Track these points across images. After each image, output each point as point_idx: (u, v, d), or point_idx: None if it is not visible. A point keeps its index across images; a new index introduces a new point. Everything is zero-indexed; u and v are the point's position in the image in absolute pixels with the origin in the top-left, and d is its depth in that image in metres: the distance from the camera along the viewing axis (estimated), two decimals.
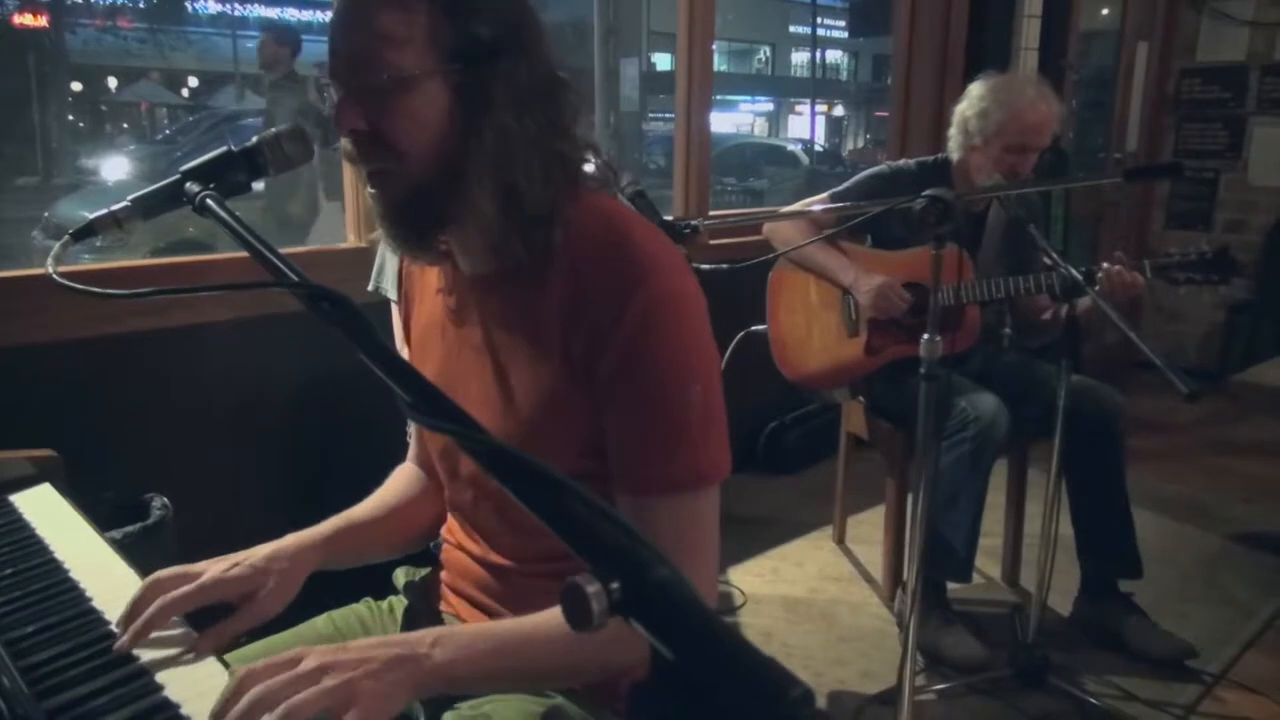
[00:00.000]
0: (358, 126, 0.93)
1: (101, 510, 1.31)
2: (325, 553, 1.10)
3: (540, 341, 0.98)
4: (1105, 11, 5.21)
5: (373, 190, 0.96)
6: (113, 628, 0.95)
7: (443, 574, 1.20)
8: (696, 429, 0.94)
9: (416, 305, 1.18)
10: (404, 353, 1.24)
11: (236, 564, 1.02)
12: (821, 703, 2.21)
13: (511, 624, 0.95)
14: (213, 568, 1.01)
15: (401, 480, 1.26)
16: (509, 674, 0.93)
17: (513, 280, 0.99)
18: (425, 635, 0.89)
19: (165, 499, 1.87)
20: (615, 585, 0.44)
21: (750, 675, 0.39)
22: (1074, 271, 1.93)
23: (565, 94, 0.98)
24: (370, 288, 2.09)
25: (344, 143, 0.95)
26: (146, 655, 0.91)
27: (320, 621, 1.22)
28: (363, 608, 1.25)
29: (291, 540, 1.08)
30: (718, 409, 0.97)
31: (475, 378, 1.04)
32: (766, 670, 0.39)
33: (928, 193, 1.71)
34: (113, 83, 15.06)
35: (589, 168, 1.01)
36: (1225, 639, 2.46)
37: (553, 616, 0.92)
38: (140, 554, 1.10)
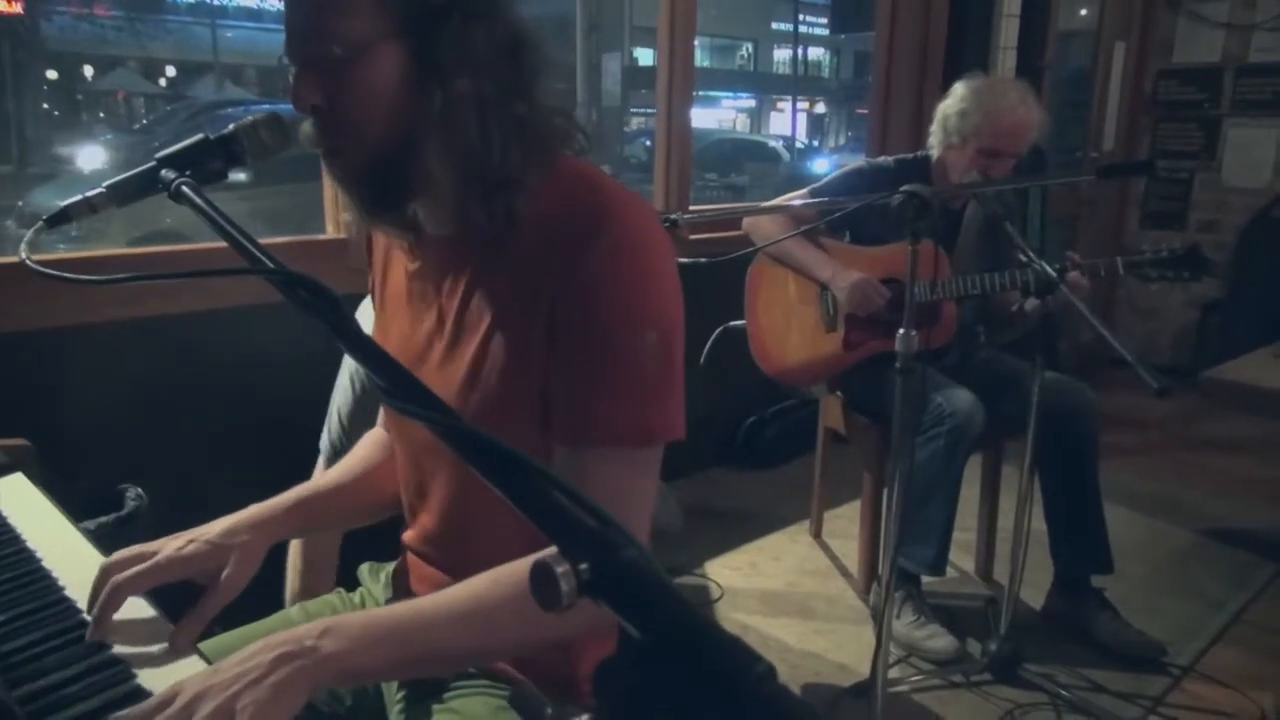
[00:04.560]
0: (315, 102, 0.92)
1: (75, 500, 1.30)
2: (288, 523, 1.08)
3: (506, 305, 0.97)
4: (1083, 12, 5.26)
5: (328, 163, 0.96)
6: (85, 616, 0.94)
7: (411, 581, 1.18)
8: (647, 380, 0.92)
9: (386, 273, 1.16)
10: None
11: (191, 540, 1.01)
12: (796, 694, 2.23)
13: (408, 606, 0.90)
14: (167, 545, 1.00)
15: (368, 447, 1.24)
16: (410, 659, 0.88)
17: (479, 244, 0.98)
18: (314, 627, 0.83)
19: (140, 490, 1.86)
20: (584, 566, 0.45)
21: (715, 652, 0.40)
22: (1048, 268, 1.95)
23: (526, 55, 0.95)
24: None
25: (304, 125, 0.94)
26: (119, 644, 0.91)
27: (294, 611, 1.21)
28: (335, 598, 1.24)
29: (251, 512, 1.06)
30: (674, 365, 0.95)
31: (441, 344, 1.03)
32: (731, 648, 0.40)
33: (905, 188, 1.73)
34: (89, 71, 14.88)
35: (561, 133, 0.99)
36: (1194, 632, 2.50)
37: (452, 595, 0.90)
38: (114, 544, 1.09)
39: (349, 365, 1.91)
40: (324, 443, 1.92)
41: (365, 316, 1.81)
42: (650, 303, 0.93)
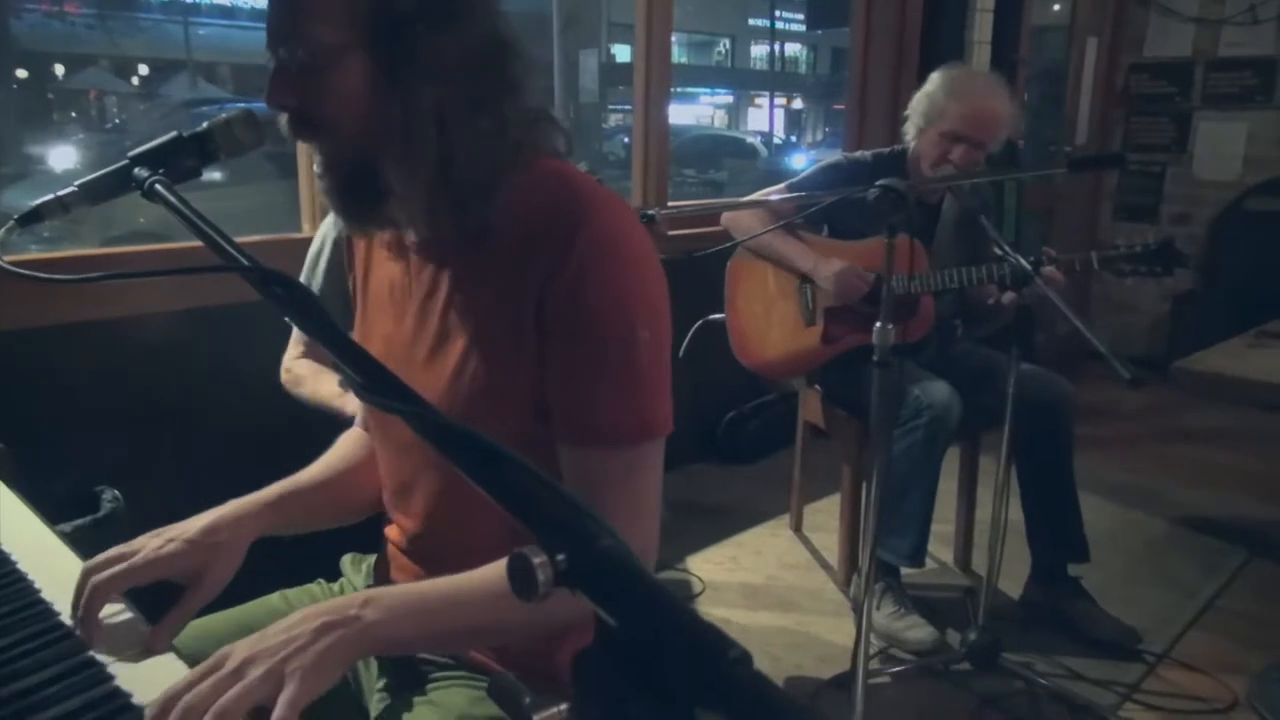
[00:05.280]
0: (285, 102, 0.92)
1: (51, 503, 1.29)
2: (268, 520, 1.08)
3: (489, 303, 0.98)
4: (1056, 7, 5.31)
5: (318, 165, 0.96)
6: (62, 619, 0.94)
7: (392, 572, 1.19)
8: (644, 375, 0.94)
9: (368, 274, 1.16)
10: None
11: (171, 539, 1.00)
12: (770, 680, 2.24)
13: (445, 581, 0.94)
14: (147, 544, 0.99)
15: (348, 445, 1.24)
16: (444, 631, 0.92)
17: (459, 245, 0.99)
18: (355, 598, 0.87)
19: (116, 491, 1.85)
20: (561, 557, 0.45)
21: (690, 639, 0.41)
22: (1023, 261, 1.97)
23: (505, 61, 0.95)
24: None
25: (280, 119, 0.95)
26: (97, 645, 0.90)
27: (275, 599, 1.21)
28: (316, 588, 1.24)
29: (231, 509, 1.06)
30: (665, 359, 0.97)
31: (425, 344, 1.03)
32: (705, 634, 0.41)
33: (881, 182, 1.74)
34: (60, 70, 14.69)
35: (540, 135, 1.00)
36: (1169, 619, 2.53)
37: (486, 573, 0.93)
38: (91, 546, 1.09)
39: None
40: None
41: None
42: (637, 296, 0.94)
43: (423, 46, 0.91)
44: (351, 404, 1.69)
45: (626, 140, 11.94)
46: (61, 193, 0.91)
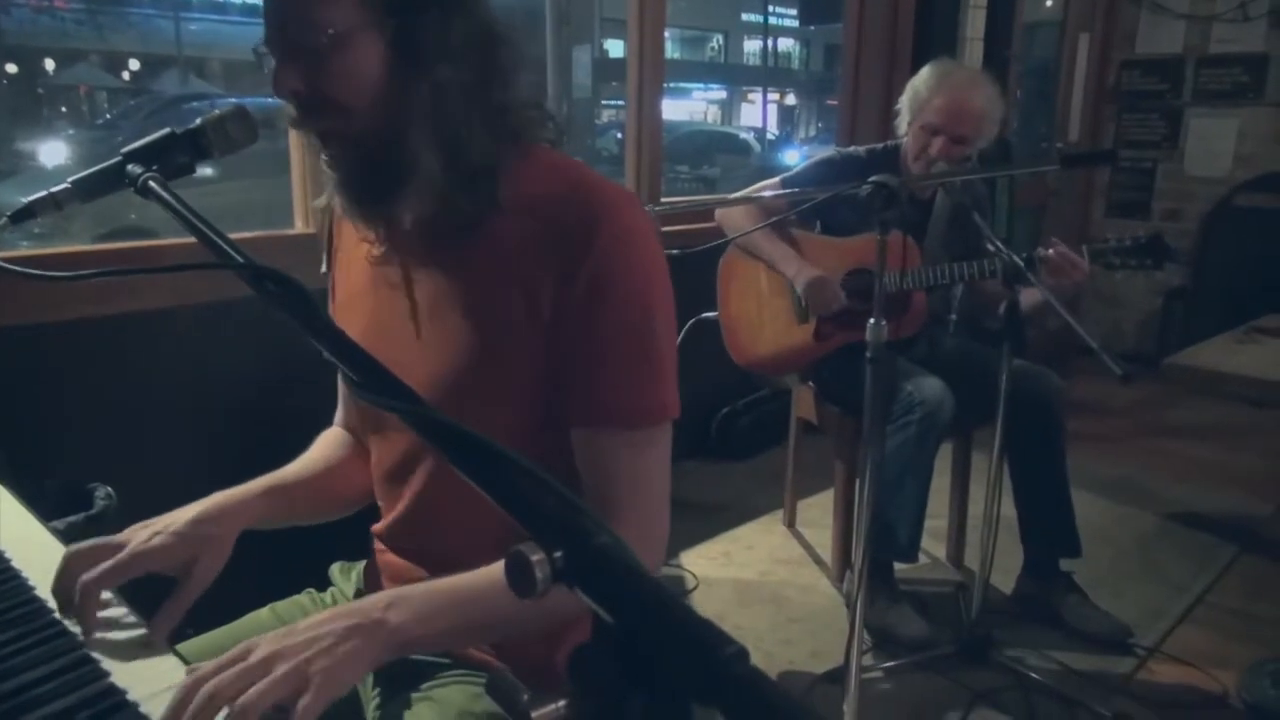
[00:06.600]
0: (297, 88, 0.92)
1: (44, 500, 1.29)
2: (255, 511, 1.08)
3: (487, 288, 0.98)
4: (1049, 3, 5.32)
5: (326, 156, 0.96)
6: (55, 616, 0.93)
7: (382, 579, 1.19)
8: (659, 361, 0.97)
9: (345, 263, 1.16)
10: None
11: (158, 532, 0.99)
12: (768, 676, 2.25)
13: (465, 577, 0.94)
14: (135, 537, 0.99)
15: (328, 444, 1.25)
16: (467, 628, 0.93)
17: (453, 229, 1.00)
18: (379, 599, 0.88)
19: (109, 488, 1.84)
20: (558, 554, 0.46)
21: (687, 635, 0.41)
22: (1016, 258, 1.97)
23: (502, 47, 0.98)
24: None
25: (287, 109, 0.95)
26: (90, 641, 0.90)
27: (264, 614, 1.20)
28: (305, 599, 1.23)
29: (217, 500, 1.06)
30: (674, 345, 1.00)
31: (409, 331, 1.04)
32: (703, 630, 0.41)
33: (873, 178, 1.74)
34: (50, 65, 14.60)
35: (535, 123, 1.02)
36: (1159, 614, 2.54)
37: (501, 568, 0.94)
38: None
39: None
40: None
41: None
42: (653, 286, 0.97)
43: (436, 26, 0.92)
44: None
45: (620, 136, 11.93)
46: (55, 189, 0.90)
